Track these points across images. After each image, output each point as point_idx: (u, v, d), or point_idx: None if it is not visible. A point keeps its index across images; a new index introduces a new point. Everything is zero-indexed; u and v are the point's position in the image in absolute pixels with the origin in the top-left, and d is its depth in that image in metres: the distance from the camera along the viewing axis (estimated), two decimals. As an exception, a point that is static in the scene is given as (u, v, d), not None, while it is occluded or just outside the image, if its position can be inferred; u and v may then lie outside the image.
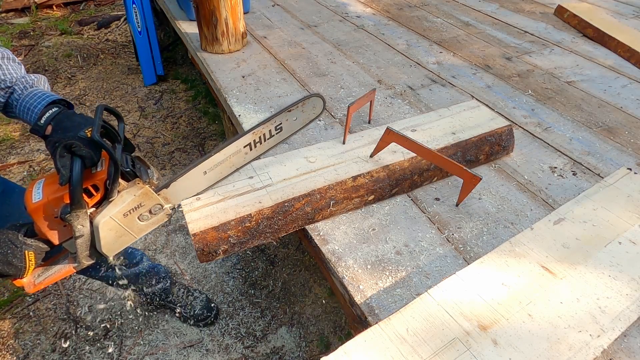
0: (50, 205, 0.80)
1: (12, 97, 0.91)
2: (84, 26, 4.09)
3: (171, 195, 0.93)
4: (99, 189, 0.82)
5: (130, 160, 0.88)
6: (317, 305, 1.74)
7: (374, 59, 1.88)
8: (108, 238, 0.85)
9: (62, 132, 0.80)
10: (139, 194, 0.84)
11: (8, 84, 0.91)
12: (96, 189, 0.82)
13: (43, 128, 0.83)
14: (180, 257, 1.92)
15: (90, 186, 0.81)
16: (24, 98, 0.89)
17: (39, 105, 0.88)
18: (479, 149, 1.21)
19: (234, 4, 1.75)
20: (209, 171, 0.97)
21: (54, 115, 0.84)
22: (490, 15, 2.41)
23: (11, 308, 1.71)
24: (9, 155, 2.53)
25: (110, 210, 0.82)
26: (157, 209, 0.89)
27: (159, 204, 0.88)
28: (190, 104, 2.98)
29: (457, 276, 0.87)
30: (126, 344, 1.59)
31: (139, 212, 0.86)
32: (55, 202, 0.79)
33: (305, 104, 1.04)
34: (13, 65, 0.94)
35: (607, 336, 0.78)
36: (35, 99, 0.89)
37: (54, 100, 0.89)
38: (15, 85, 0.91)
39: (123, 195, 0.84)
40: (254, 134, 0.98)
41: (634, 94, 1.67)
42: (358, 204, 1.09)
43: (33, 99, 0.89)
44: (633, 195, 1.10)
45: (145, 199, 0.86)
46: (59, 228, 0.83)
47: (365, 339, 0.75)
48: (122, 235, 0.87)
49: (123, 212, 0.84)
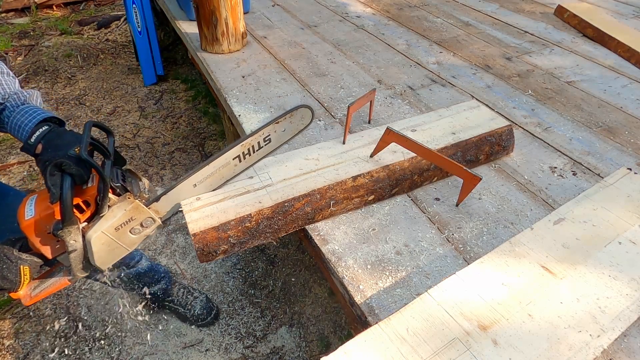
0: (43, 222, 0.81)
1: (4, 114, 0.91)
2: (84, 26, 4.09)
3: (162, 209, 0.95)
4: (90, 205, 0.84)
5: (121, 175, 0.89)
6: (317, 305, 1.74)
7: (374, 59, 1.88)
8: (101, 252, 0.86)
9: (52, 150, 0.81)
10: (129, 208, 0.86)
11: (0, 99, 0.91)
12: (87, 205, 0.83)
13: (33, 147, 0.84)
14: (180, 257, 1.92)
15: (81, 202, 0.83)
16: (15, 115, 0.89)
17: (30, 124, 0.88)
18: (479, 149, 1.21)
19: (234, 4, 1.75)
20: (199, 184, 0.98)
21: (44, 134, 0.85)
22: (490, 15, 2.41)
23: (11, 308, 1.71)
24: (9, 155, 2.53)
25: (101, 225, 0.84)
26: (148, 222, 0.90)
27: (150, 218, 0.90)
28: (190, 104, 2.98)
29: (457, 276, 0.87)
30: (126, 344, 1.59)
31: (130, 225, 0.88)
32: (47, 218, 0.81)
33: (293, 115, 1.05)
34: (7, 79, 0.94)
35: (607, 336, 0.78)
36: (26, 116, 0.89)
37: (44, 118, 0.89)
38: (7, 101, 0.91)
39: (114, 210, 0.85)
40: (243, 145, 0.99)
41: (634, 94, 1.67)
42: (358, 204, 1.09)
43: (24, 116, 0.89)
44: (633, 195, 1.10)
45: (136, 213, 0.87)
46: (52, 243, 0.84)
47: (365, 339, 0.75)
48: (114, 248, 0.88)
49: (114, 226, 0.85)
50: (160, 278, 1.62)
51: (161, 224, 0.93)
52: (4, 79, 0.93)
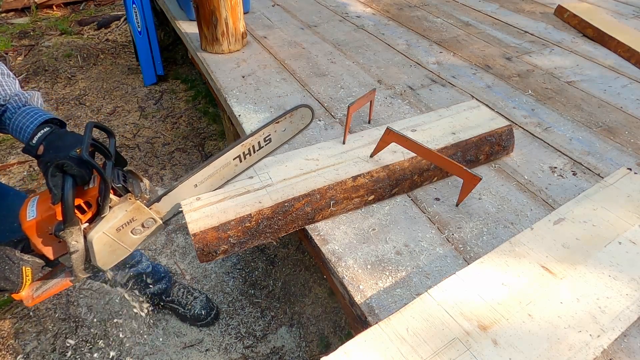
0: (44, 223, 0.82)
1: (5, 116, 0.92)
2: (84, 26, 4.09)
3: (163, 209, 0.95)
4: (91, 206, 0.84)
5: (122, 175, 0.90)
6: (317, 305, 1.74)
7: (374, 59, 1.88)
8: (102, 252, 0.87)
9: (54, 151, 0.82)
10: (130, 209, 0.86)
11: (2, 101, 0.91)
12: (89, 206, 0.84)
13: (35, 148, 0.85)
14: (180, 257, 1.92)
15: (83, 203, 0.83)
16: (17, 117, 0.90)
17: (32, 125, 0.89)
18: (479, 149, 1.21)
19: (234, 4, 1.75)
20: (200, 184, 0.98)
21: (46, 135, 0.85)
22: (490, 15, 2.41)
23: (11, 308, 1.71)
24: (9, 156, 2.53)
25: (103, 225, 0.84)
26: (149, 222, 0.90)
27: (151, 218, 0.90)
28: (190, 104, 2.98)
29: (457, 276, 0.87)
30: (126, 344, 1.59)
31: (131, 226, 0.88)
32: (49, 219, 0.81)
33: (293, 114, 1.05)
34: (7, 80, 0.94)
35: (607, 336, 0.78)
36: (27, 118, 0.89)
37: (46, 119, 0.90)
38: (9, 103, 0.91)
39: (115, 210, 0.85)
40: (243, 145, 0.99)
41: (634, 94, 1.67)
42: (358, 204, 1.09)
43: (25, 117, 0.89)
44: (633, 195, 1.10)
45: (137, 214, 0.87)
46: (53, 244, 0.85)
47: (365, 339, 0.75)
48: (116, 249, 0.89)
49: (116, 227, 0.85)
50: (160, 278, 1.62)
51: (162, 224, 0.94)
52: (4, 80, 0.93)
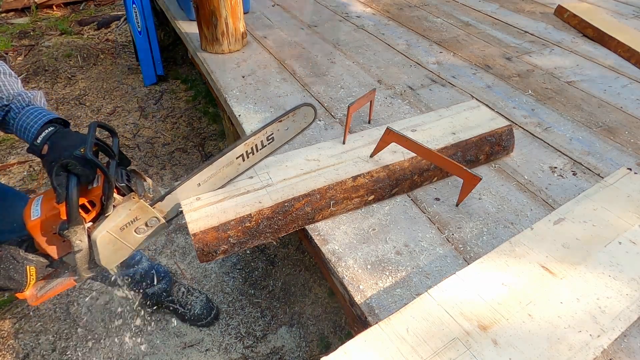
0: (49, 222, 0.82)
1: (9, 116, 0.92)
2: (84, 26, 4.09)
3: (166, 208, 0.95)
4: (95, 205, 0.85)
5: (125, 175, 0.90)
6: (317, 305, 1.74)
7: (374, 59, 1.88)
8: (106, 251, 0.87)
9: (58, 151, 0.82)
10: (134, 208, 0.86)
11: (5, 102, 0.91)
12: (92, 205, 0.84)
13: (39, 148, 0.85)
14: (180, 257, 1.92)
15: (87, 202, 0.83)
16: (21, 117, 0.90)
17: (36, 125, 0.89)
18: (479, 149, 1.21)
19: (234, 4, 1.75)
20: (203, 183, 0.99)
21: (50, 135, 0.86)
22: (490, 15, 2.41)
23: (11, 308, 1.71)
24: (9, 156, 2.53)
25: (106, 225, 0.84)
26: (153, 221, 0.90)
27: (154, 217, 0.90)
28: (190, 104, 2.98)
29: (457, 276, 0.87)
30: (126, 344, 1.59)
31: (135, 225, 0.88)
32: (53, 219, 0.82)
33: (296, 113, 1.05)
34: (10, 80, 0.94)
35: (607, 336, 0.78)
36: (32, 118, 0.90)
37: (50, 119, 0.90)
38: (12, 103, 0.92)
39: (119, 209, 0.85)
40: (246, 145, 0.99)
41: (634, 94, 1.67)
42: (358, 204, 1.09)
43: (30, 117, 0.90)
44: (633, 195, 1.10)
45: (141, 213, 0.88)
46: (57, 243, 0.85)
47: (365, 339, 0.75)
48: (120, 248, 0.89)
49: (119, 226, 0.86)
50: (160, 278, 1.62)
51: (165, 223, 0.94)
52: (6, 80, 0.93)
